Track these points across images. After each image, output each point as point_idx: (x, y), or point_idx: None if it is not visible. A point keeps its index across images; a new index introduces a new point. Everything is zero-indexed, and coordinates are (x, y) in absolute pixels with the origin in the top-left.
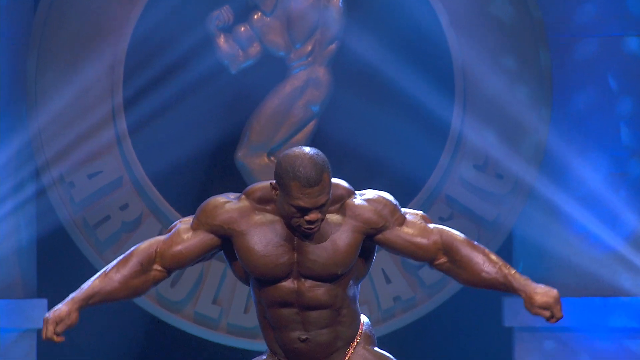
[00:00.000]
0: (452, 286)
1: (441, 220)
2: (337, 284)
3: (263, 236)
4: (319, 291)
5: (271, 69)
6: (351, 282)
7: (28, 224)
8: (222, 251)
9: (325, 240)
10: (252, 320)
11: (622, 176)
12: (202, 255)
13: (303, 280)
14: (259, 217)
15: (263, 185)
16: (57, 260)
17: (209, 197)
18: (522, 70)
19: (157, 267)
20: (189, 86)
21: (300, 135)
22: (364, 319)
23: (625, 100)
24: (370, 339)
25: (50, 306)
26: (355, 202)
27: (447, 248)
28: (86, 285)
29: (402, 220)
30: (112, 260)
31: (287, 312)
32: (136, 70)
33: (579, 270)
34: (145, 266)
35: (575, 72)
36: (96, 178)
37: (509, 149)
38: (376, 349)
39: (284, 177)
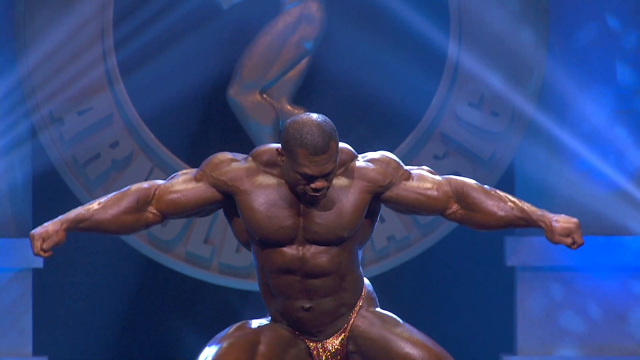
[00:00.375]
0: (447, 225)
1: (436, 159)
2: (341, 250)
3: (268, 198)
4: (322, 258)
5: (263, 5)
6: (355, 247)
7: (22, 164)
8: (222, 210)
9: (331, 203)
10: (244, 260)
11: (626, 113)
12: (200, 207)
13: (307, 246)
14: (265, 179)
15: (270, 148)
16: (50, 200)
17: (200, 135)
18: (521, 4)
19: (152, 209)
20: (180, 23)
21: (292, 73)
22: (365, 281)
23: (630, 36)
24: (373, 301)
25: None
26: (358, 164)
27: (458, 194)
28: (78, 210)
29: (408, 176)
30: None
31: (290, 279)
32: (127, 8)
33: (582, 208)
34: (140, 205)
35: (575, 7)
36: (86, 115)
37: (506, 86)
38: (378, 309)
39: (290, 143)
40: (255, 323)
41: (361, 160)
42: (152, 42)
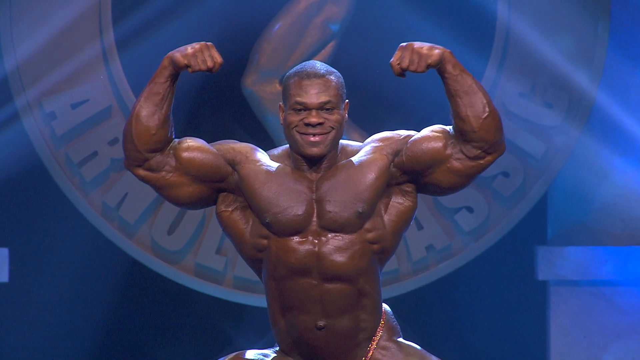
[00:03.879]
0: (492, 234)
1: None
2: (361, 251)
3: (279, 178)
4: (340, 256)
5: None
6: (374, 256)
7: (8, 163)
8: (222, 226)
9: (344, 181)
10: None
11: None
12: (212, 172)
13: (323, 238)
14: (276, 163)
15: (280, 148)
16: (40, 204)
17: (210, 129)
18: None
19: (169, 150)
20: (189, 3)
21: (317, 58)
22: (385, 307)
23: None
24: (394, 330)
25: (13, 255)
26: (366, 141)
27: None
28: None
29: (408, 135)
30: (98, 202)
31: (306, 284)
32: None
33: (625, 215)
34: (170, 137)
35: None
36: (81, 108)
37: (561, 74)
38: (400, 339)
39: (286, 81)
40: (253, 354)
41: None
42: (157, 25)
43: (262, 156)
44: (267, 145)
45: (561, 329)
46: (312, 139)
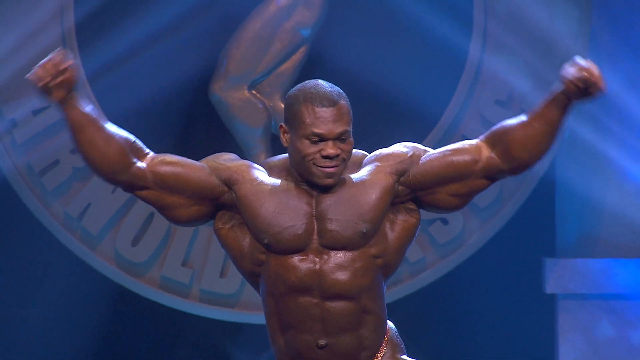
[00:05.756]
0: (468, 247)
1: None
2: (364, 269)
3: (278, 195)
4: (342, 275)
5: None
6: (379, 271)
7: None
8: (218, 237)
9: (347, 199)
10: (229, 286)
11: None
12: (194, 191)
13: (325, 256)
14: (274, 180)
15: (278, 158)
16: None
17: (178, 136)
18: None
19: (144, 162)
20: (156, 8)
21: (287, 65)
22: (389, 324)
23: None
24: (397, 347)
25: None
26: (372, 155)
27: (487, 138)
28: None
29: (426, 151)
30: (60, 213)
31: (306, 302)
32: None
33: (636, 226)
34: (135, 148)
35: None
36: (43, 115)
37: (538, 80)
38: (404, 357)
39: (294, 104)
40: None
41: (374, 154)
42: (121, 27)
43: (260, 173)
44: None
45: (570, 344)
46: (329, 170)
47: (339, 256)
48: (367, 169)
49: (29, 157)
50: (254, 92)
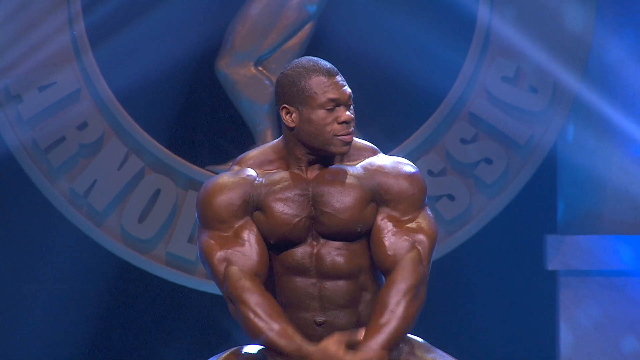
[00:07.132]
0: (475, 223)
1: (463, 143)
2: (362, 250)
3: (278, 196)
4: (339, 258)
5: None
6: None
7: None
8: None
9: (342, 192)
10: None
11: None
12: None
13: (322, 241)
14: (269, 177)
15: (253, 151)
16: (5, 192)
17: (183, 114)
18: None
19: (257, 278)
20: None
21: (293, 41)
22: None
23: None
24: (418, 343)
25: None
26: (382, 162)
27: (390, 269)
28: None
29: (408, 211)
30: (66, 189)
31: (304, 282)
32: None
33: (638, 203)
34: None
35: None
36: (48, 91)
37: (544, 56)
38: (433, 354)
39: (297, 82)
40: (253, 349)
41: (389, 159)
42: (128, 6)
43: (260, 185)
44: (240, 130)
45: (571, 321)
46: (347, 138)
47: (336, 242)
48: (368, 172)
49: (35, 134)
50: (260, 68)
